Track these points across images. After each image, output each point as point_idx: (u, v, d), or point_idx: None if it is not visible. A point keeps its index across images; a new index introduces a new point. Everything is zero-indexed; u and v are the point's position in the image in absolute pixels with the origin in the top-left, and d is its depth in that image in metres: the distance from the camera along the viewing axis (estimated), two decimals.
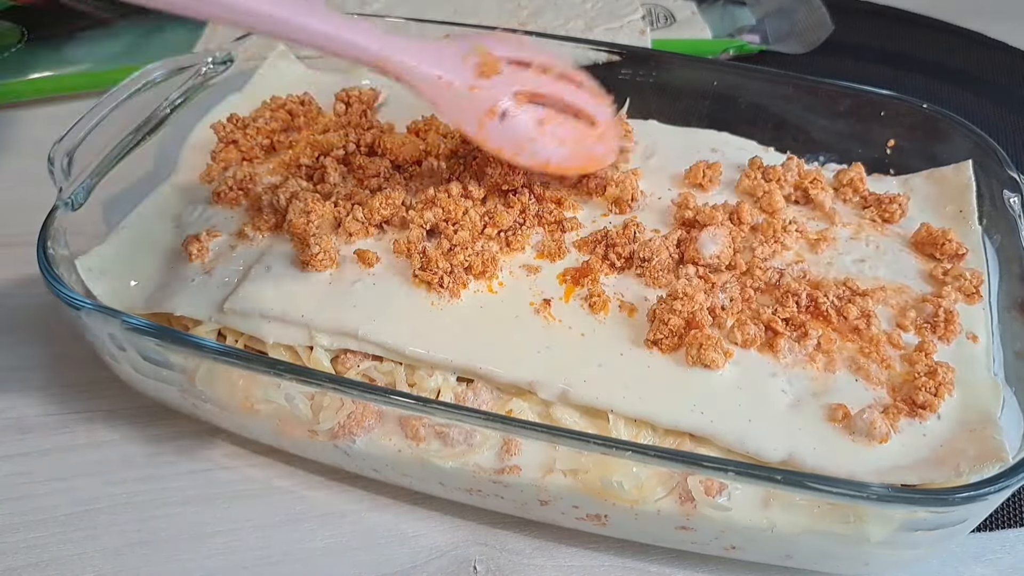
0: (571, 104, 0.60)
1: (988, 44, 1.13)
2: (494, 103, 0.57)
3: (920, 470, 0.49)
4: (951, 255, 0.62)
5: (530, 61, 0.59)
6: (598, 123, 0.62)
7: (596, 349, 0.55)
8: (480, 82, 0.57)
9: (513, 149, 0.59)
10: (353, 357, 0.56)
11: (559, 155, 0.60)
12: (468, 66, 0.57)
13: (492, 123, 0.57)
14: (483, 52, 0.57)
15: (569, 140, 0.60)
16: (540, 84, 0.59)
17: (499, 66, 0.57)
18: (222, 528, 0.58)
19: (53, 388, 0.67)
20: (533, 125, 0.58)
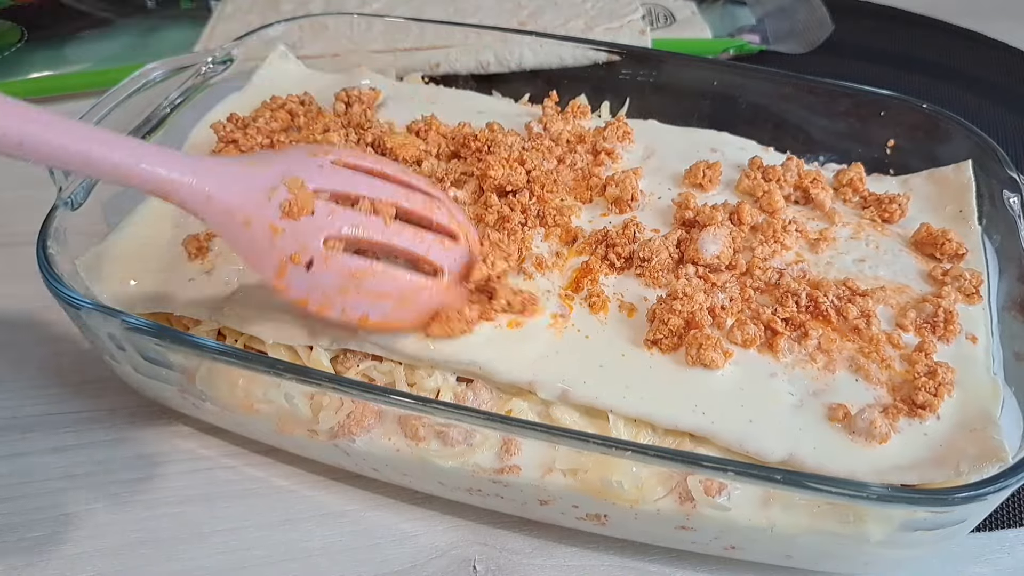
0: (407, 251, 0.52)
1: (988, 44, 1.13)
2: (299, 248, 0.48)
3: (920, 470, 0.49)
4: (951, 255, 0.62)
5: (358, 197, 0.51)
6: (441, 273, 0.53)
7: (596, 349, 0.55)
8: (285, 223, 0.48)
9: (319, 301, 0.50)
10: (353, 357, 0.56)
11: (380, 310, 0.52)
12: (274, 203, 0.48)
13: (294, 270, 0.49)
14: (295, 185, 0.49)
15: (394, 294, 0.51)
16: (363, 228, 0.50)
17: (311, 204, 0.49)
18: (222, 528, 0.58)
19: (53, 388, 0.67)
20: (345, 277, 0.50)
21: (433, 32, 0.91)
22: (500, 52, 0.94)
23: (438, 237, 0.54)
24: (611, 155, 0.71)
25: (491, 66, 0.95)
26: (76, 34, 1.08)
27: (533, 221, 0.63)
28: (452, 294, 0.54)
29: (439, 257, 0.53)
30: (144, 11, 1.14)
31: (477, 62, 0.95)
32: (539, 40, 0.90)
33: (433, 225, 0.54)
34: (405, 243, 0.52)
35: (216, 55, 0.76)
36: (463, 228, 0.56)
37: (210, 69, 0.75)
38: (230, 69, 0.77)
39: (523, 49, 0.93)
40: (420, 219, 0.54)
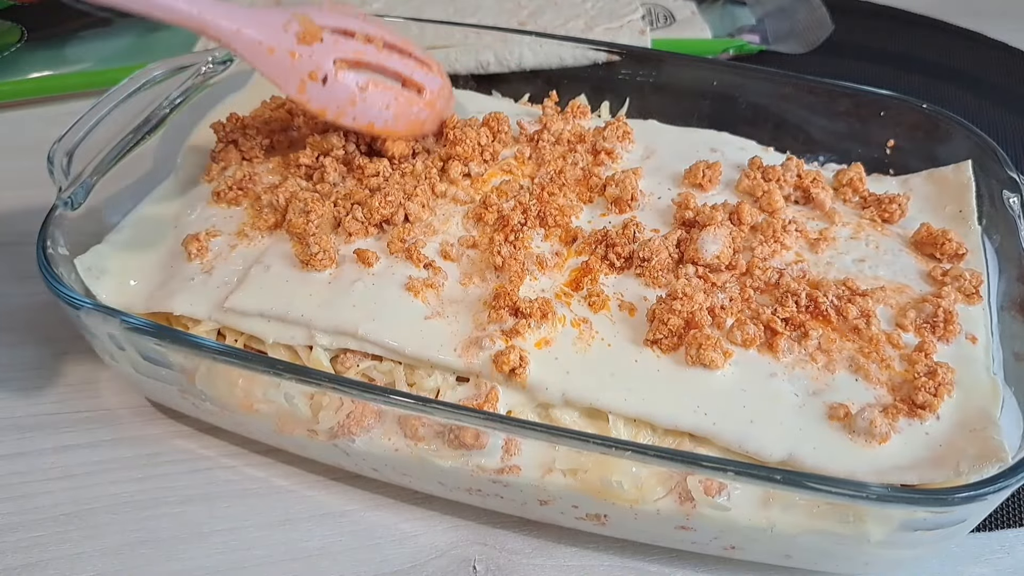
0: (397, 72, 0.64)
1: (988, 44, 1.13)
2: (315, 67, 0.60)
3: (920, 470, 0.49)
4: (951, 255, 0.62)
5: (354, 31, 0.63)
6: (424, 91, 0.66)
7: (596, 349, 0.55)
8: (301, 48, 0.60)
9: (336, 110, 0.63)
10: (352, 357, 0.56)
11: (383, 118, 0.64)
12: (289, 33, 0.60)
13: (313, 86, 0.61)
14: (304, 21, 0.61)
15: (394, 105, 0.64)
16: (363, 52, 0.63)
17: (320, 34, 0.61)
18: (222, 528, 0.58)
19: (53, 388, 0.67)
20: (355, 89, 0.62)
21: (433, 32, 0.91)
22: (500, 52, 0.94)
23: (417, 63, 0.67)
24: (611, 155, 0.71)
25: (491, 66, 0.95)
26: (76, 34, 1.07)
27: (533, 221, 0.63)
28: (435, 111, 0.68)
29: (422, 78, 0.66)
30: None
31: (477, 62, 0.95)
32: (539, 40, 0.90)
33: (413, 55, 0.67)
34: (395, 64, 0.65)
35: (216, 55, 0.76)
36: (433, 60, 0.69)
37: (210, 69, 0.75)
38: (230, 69, 0.77)
39: (523, 49, 0.93)
40: (402, 50, 0.66)
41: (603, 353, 0.55)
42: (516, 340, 0.54)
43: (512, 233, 0.61)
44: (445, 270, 0.59)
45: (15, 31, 1.06)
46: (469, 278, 0.59)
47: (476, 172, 0.68)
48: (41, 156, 0.60)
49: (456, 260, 0.61)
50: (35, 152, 0.64)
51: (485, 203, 0.63)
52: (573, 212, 0.65)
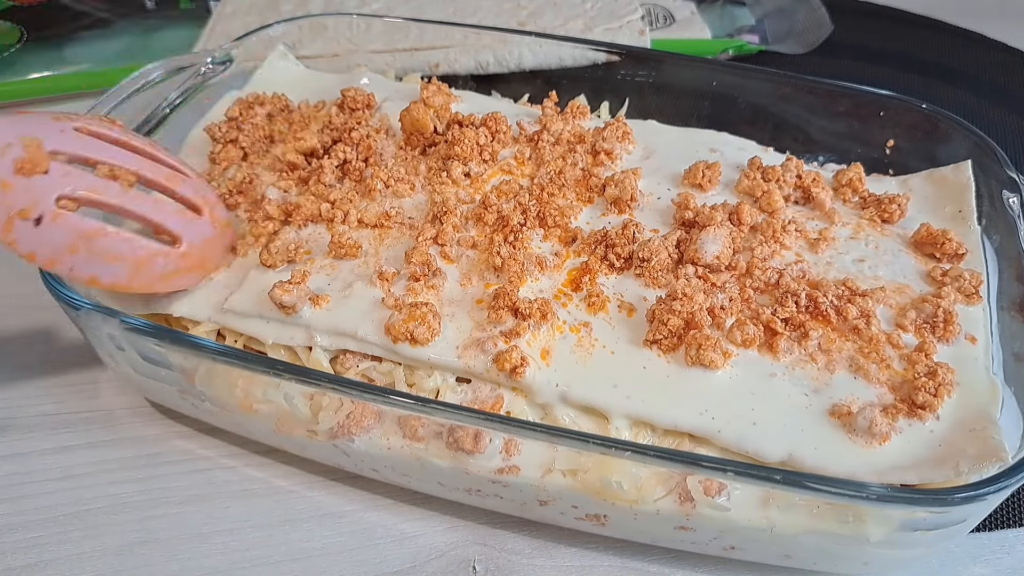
0: (144, 217, 0.55)
1: (988, 44, 1.13)
2: (29, 204, 0.50)
3: (920, 470, 0.49)
4: (951, 255, 0.62)
5: (97, 161, 0.53)
6: (181, 242, 0.56)
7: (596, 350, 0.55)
8: (16, 179, 0.49)
9: (48, 257, 0.52)
10: (352, 357, 0.56)
11: (112, 273, 0.54)
12: (6, 159, 0.49)
13: (23, 225, 0.50)
14: (31, 146, 0.50)
15: (128, 259, 0.54)
16: (98, 190, 0.52)
17: (46, 164, 0.50)
18: (221, 528, 0.58)
19: (53, 388, 0.67)
20: (75, 236, 0.51)
21: (432, 32, 0.92)
22: (499, 52, 0.95)
23: (180, 208, 0.57)
24: (610, 155, 0.71)
25: (490, 66, 0.95)
26: (76, 34, 1.08)
27: (533, 222, 0.63)
28: (190, 262, 0.57)
29: (178, 227, 0.56)
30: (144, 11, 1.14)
31: (476, 62, 0.95)
32: (538, 40, 0.90)
33: (176, 196, 0.57)
34: (142, 210, 0.55)
35: (216, 55, 0.76)
36: (208, 203, 0.60)
37: (210, 69, 0.75)
38: (230, 69, 0.77)
39: (522, 49, 0.94)
40: (163, 189, 0.57)
41: (603, 358, 0.55)
42: (516, 340, 0.54)
43: (512, 234, 0.61)
44: (444, 271, 0.59)
45: (15, 31, 1.06)
46: (468, 279, 0.59)
47: (476, 172, 0.68)
48: None
49: (455, 261, 0.61)
50: None
51: (485, 203, 0.64)
52: (573, 213, 0.65)
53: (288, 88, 0.78)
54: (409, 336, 0.53)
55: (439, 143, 0.70)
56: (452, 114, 0.71)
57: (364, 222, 0.63)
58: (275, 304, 0.55)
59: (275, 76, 0.81)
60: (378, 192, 0.65)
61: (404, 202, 0.66)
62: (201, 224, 0.58)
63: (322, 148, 0.70)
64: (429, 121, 0.70)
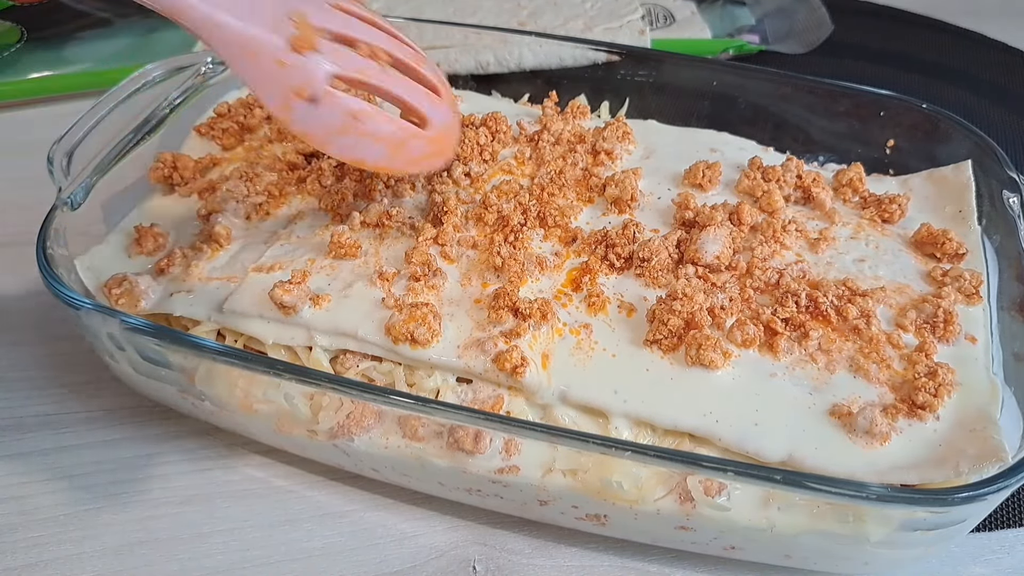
0: (400, 98, 0.53)
1: (988, 44, 1.13)
2: (304, 82, 0.49)
3: (920, 470, 0.49)
4: (951, 255, 0.62)
5: (357, 40, 0.52)
6: (429, 123, 0.55)
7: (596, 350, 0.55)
8: (291, 57, 0.48)
9: (322, 137, 0.52)
10: (352, 357, 0.56)
11: (375, 152, 0.53)
12: (280, 35, 0.48)
13: (299, 104, 0.49)
14: (301, 22, 0.49)
15: (388, 139, 0.53)
16: (364, 71, 0.51)
17: (316, 40, 0.49)
18: (222, 528, 0.58)
19: (53, 388, 0.67)
20: (346, 117, 0.51)
21: (433, 32, 0.91)
22: (500, 52, 0.94)
23: (426, 90, 0.55)
24: (610, 155, 0.71)
25: (491, 66, 0.95)
26: (76, 34, 1.07)
27: (533, 222, 0.63)
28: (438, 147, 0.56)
29: (428, 109, 0.55)
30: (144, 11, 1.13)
31: (477, 62, 0.95)
32: (539, 40, 0.90)
33: (420, 77, 0.55)
34: (399, 90, 0.53)
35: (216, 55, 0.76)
36: (445, 85, 0.57)
37: (210, 69, 0.75)
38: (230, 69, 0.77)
39: (523, 49, 0.94)
40: (408, 70, 0.55)
41: (603, 359, 0.55)
42: (516, 341, 0.54)
43: (512, 234, 0.61)
44: (445, 271, 0.59)
45: (15, 31, 1.06)
46: (469, 279, 0.59)
47: (476, 172, 0.68)
48: (41, 156, 0.60)
49: (456, 261, 0.61)
50: (35, 152, 0.64)
51: (485, 203, 0.63)
52: (573, 213, 0.65)
53: None
54: (409, 337, 0.53)
55: None
56: None
57: (364, 222, 0.63)
58: (275, 304, 0.55)
59: None
60: (378, 192, 0.65)
61: (404, 202, 0.66)
62: (443, 107, 0.56)
63: None
64: None
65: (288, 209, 0.67)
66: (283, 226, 0.65)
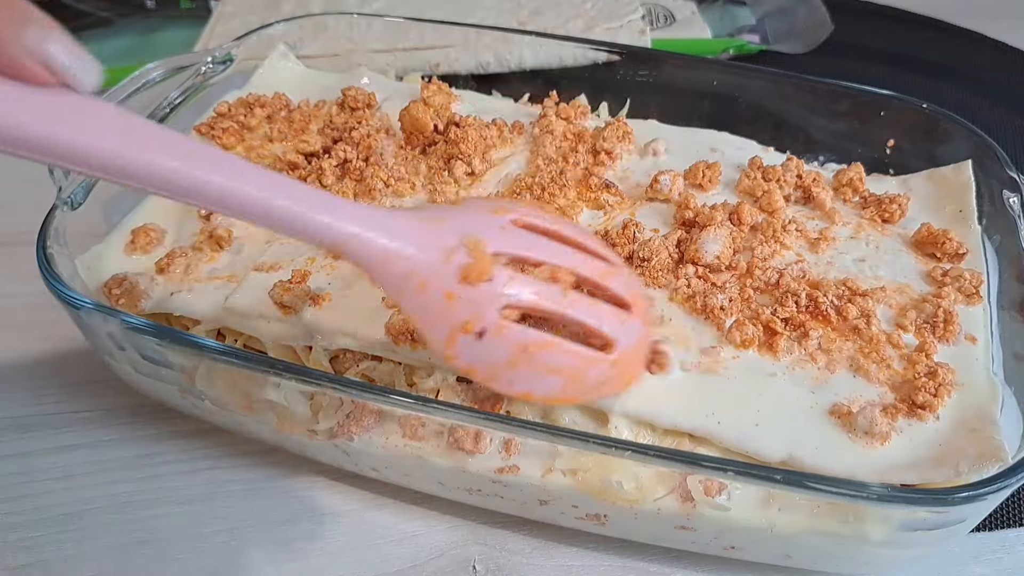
0: (581, 323, 0.47)
1: (988, 44, 1.13)
2: (473, 316, 0.44)
3: (920, 470, 0.49)
4: (951, 255, 0.62)
5: (539, 261, 0.47)
6: (614, 347, 0.48)
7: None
8: (462, 289, 0.43)
9: (486, 373, 0.46)
10: (352, 357, 0.56)
11: (546, 387, 0.47)
12: (452, 265, 0.43)
13: (464, 340, 0.44)
14: (476, 249, 0.44)
15: (566, 370, 0.47)
16: (541, 299, 0.45)
17: (491, 270, 0.44)
18: (222, 528, 0.58)
19: (53, 388, 0.67)
20: (516, 350, 0.45)
21: (433, 32, 0.91)
22: (500, 52, 0.94)
23: (613, 308, 0.48)
24: (611, 155, 0.71)
25: (491, 66, 0.95)
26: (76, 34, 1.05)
27: None
28: (618, 370, 0.49)
29: (613, 330, 0.48)
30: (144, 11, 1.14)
31: (477, 62, 0.95)
32: (539, 40, 0.90)
33: (608, 295, 0.49)
34: (581, 315, 0.46)
35: (216, 55, 0.76)
36: (635, 296, 0.50)
37: (210, 69, 0.75)
38: (230, 69, 0.77)
39: (523, 49, 0.93)
40: (597, 288, 0.49)
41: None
42: None
43: None
44: None
45: None
46: None
47: (480, 170, 0.68)
48: None
49: None
50: None
51: None
52: (573, 212, 0.65)
53: (289, 87, 0.78)
54: (409, 336, 0.53)
55: (439, 142, 0.70)
56: (450, 114, 0.71)
57: None
58: (275, 304, 0.55)
59: (276, 76, 0.81)
60: (378, 192, 0.65)
61: (404, 201, 0.66)
62: (632, 323, 0.49)
63: (322, 148, 0.70)
64: (429, 120, 0.70)
65: None
66: None
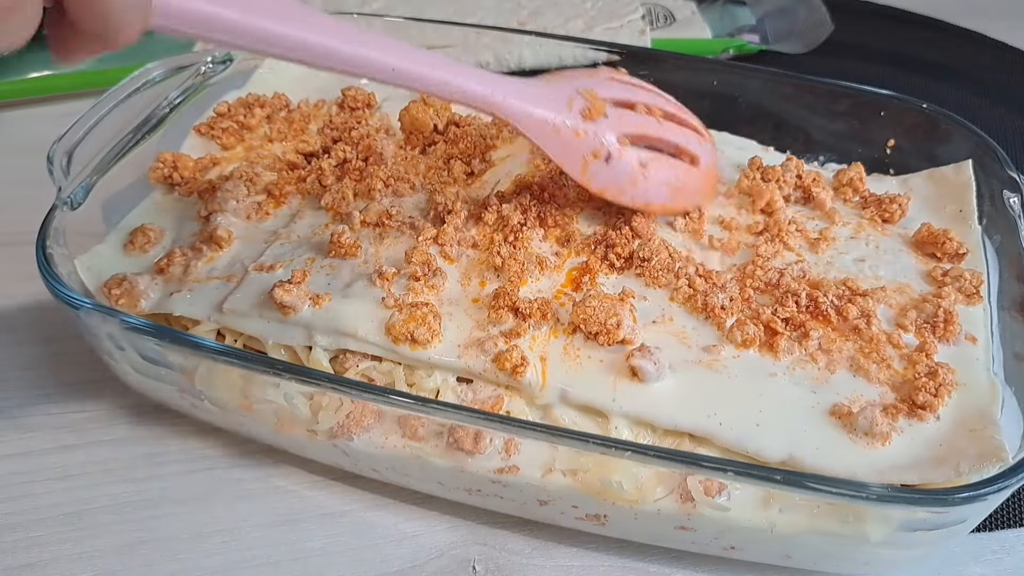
0: (675, 144, 0.61)
1: (988, 44, 1.13)
2: (599, 146, 0.58)
3: (920, 470, 0.49)
4: (951, 255, 0.62)
5: (634, 103, 0.60)
6: (700, 162, 0.62)
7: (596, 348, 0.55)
8: (586, 126, 0.57)
9: (616, 191, 0.60)
10: (352, 357, 0.56)
11: (660, 197, 0.61)
12: (574, 111, 0.58)
13: (596, 165, 0.58)
14: (589, 95, 0.58)
15: (671, 181, 0.61)
16: (644, 126, 0.60)
17: (604, 109, 0.58)
18: (221, 528, 0.58)
19: (53, 388, 0.67)
20: (636, 167, 0.59)
21: (433, 32, 0.91)
22: (500, 52, 0.95)
23: (694, 133, 0.64)
24: None
25: (491, 66, 0.95)
26: None
27: (532, 221, 0.63)
28: (707, 181, 0.65)
29: (698, 148, 0.63)
30: None
31: (477, 62, 0.95)
32: (539, 40, 0.90)
33: (688, 124, 0.64)
34: (675, 137, 0.61)
35: (216, 55, 0.76)
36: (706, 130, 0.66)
37: (210, 69, 0.75)
38: (230, 69, 0.77)
39: (523, 49, 0.94)
40: (678, 120, 0.63)
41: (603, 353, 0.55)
42: (516, 341, 0.54)
43: (512, 233, 0.61)
44: (445, 271, 0.59)
45: None
46: (468, 278, 0.59)
47: (479, 170, 0.68)
48: (41, 156, 0.60)
49: (456, 261, 0.61)
50: (35, 152, 0.64)
51: (484, 203, 0.63)
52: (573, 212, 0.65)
53: (288, 87, 0.78)
54: (409, 337, 0.53)
55: (439, 142, 0.70)
56: (450, 114, 0.71)
57: (365, 221, 0.63)
58: (275, 304, 0.55)
59: (275, 75, 0.81)
60: (378, 192, 0.65)
61: (404, 201, 0.66)
62: (708, 145, 0.65)
63: (322, 148, 0.70)
64: (428, 120, 0.70)
65: (288, 209, 0.67)
66: (283, 226, 0.65)
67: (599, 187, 0.59)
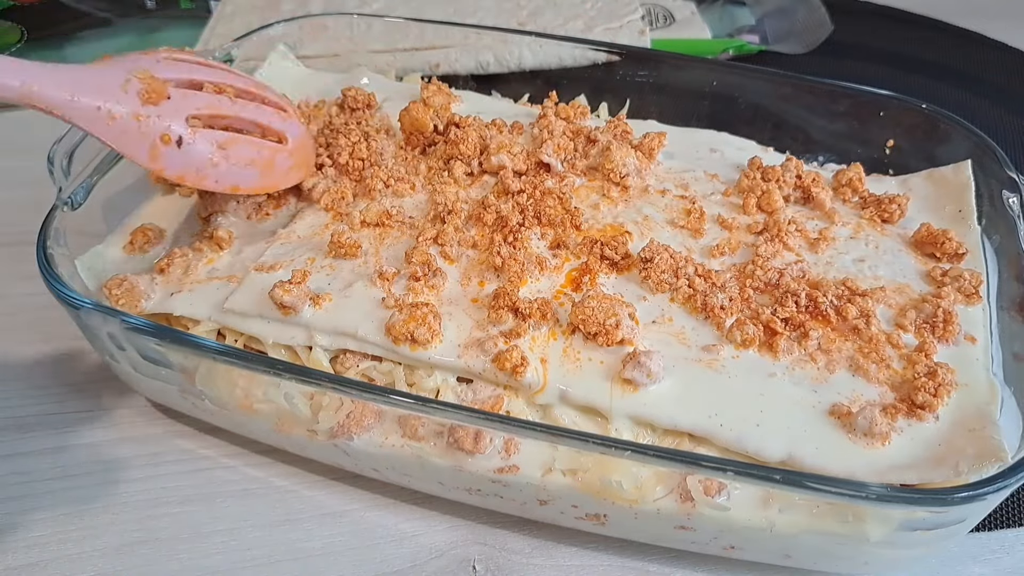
0: (255, 121, 0.59)
1: (988, 44, 1.13)
2: (166, 129, 0.54)
3: (919, 470, 0.49)
4: (951, 255, 0.62)
5: (201, 82, 0.58)
6: (286, 140, 0.61)
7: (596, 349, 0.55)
8: (146, 109, 0.53)
9: (195, 176, 0.57)
10: (352, 357, 0.56)
11: (248, 177, 0.59)
12: (131, 94, 0.53)
13: (167, 150, 0.54)
14: (145, 76, 0.54)
15: (257, 161, 0.59)
16: (215, 106, 0.57)
17: (165, 90, 0.55)
18: (221, 527, 0.58)
19: (53, 388, 0.67)
20: (214, 149, 0.56)
21: (433, 32, 0.92)
22: (500, 52, 0.95)
23: (273, 109, 0.62)
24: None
25: (491, 66, 0.95)
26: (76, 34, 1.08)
27: (531, 222, 0.63)
28: (298, 157, 0.63)
29: (281, 126, 0.61)
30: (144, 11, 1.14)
31: (477, 62, 0.95)
32: (538, 40, 0.90)
33: (266, 100, 0.62)
34: (253, 115, 0.59)
35: (216, 55, 0.76)
36: (288, 104, 0.65)
37: None
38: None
39: (522, 49, 0.94)
40: (254, 97, 0.61)
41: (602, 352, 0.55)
42: (516, 341, 0.54)
43: (511, 234, 0.61)
44: (445, 271, 0.59)
45: (15, 31, 1.06)
46: (468, 279, 0.59)
47: (479, 171, 0.68)
48: (41, 156, 0.60)
49: (456, 261, 0.61)
50: (35, 152, 0.64)
51: (484, 203, 0.64)
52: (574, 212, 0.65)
53: (288, 88, 0.78)
54: (409, 337, 0.53)
55: (439, 143, 0.70)
56: (450, 115, 0.71)
57: (365, 221, 0.63)
58: (275, 304, 0.55)
59: (275, 76, 0.81)
60: (378, 192, 0.65)
61: (404, 202, 0.66)
62: (292, 122, 0.63)
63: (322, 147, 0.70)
64: (428, 121, 0.70)
65: (288, 209, 0.67)
66: (283, 226, 0.65)
67: (175, 173, 0.56)
